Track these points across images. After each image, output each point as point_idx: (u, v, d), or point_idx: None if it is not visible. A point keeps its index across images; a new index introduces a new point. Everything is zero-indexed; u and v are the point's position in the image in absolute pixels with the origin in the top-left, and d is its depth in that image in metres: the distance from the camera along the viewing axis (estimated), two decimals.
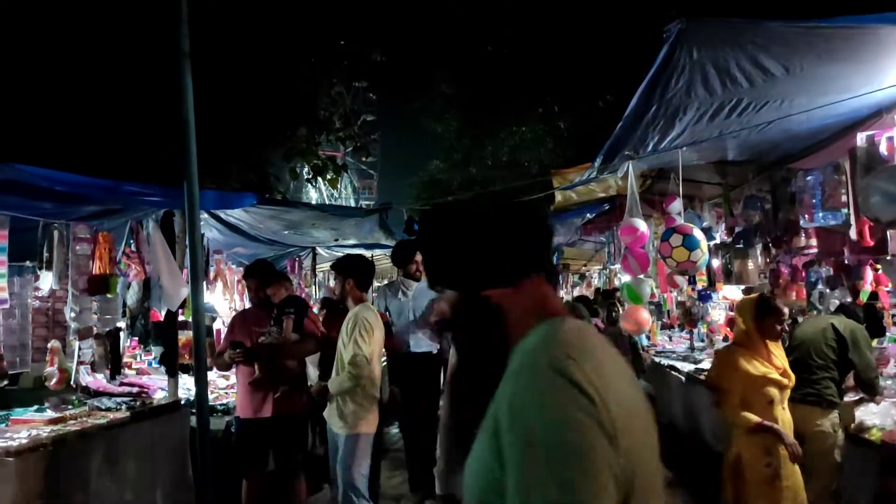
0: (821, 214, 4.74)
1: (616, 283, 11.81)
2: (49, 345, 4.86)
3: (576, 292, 14.70)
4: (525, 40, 12.15)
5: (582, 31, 11.01)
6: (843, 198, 4.48)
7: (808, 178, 4.85)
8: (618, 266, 9.48)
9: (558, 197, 8.42)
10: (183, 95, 3.67)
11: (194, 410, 3.97)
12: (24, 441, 3.72)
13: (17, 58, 5.77)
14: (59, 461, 3.80)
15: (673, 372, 7.13)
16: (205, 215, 5.63)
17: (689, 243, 4.69)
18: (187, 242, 3.93)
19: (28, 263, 5.33)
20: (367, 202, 30.01)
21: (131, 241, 5.16)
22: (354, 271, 4.27)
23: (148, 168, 5.88)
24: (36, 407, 4.51)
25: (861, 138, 3.92)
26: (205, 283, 5.16)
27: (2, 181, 3.77)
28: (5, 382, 4.63)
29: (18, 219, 4.54)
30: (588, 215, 8.91)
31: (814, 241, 5.30)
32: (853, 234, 4.40)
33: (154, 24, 5.52)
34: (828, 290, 5.56)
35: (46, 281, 4.78)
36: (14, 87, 5.78)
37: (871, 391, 4.47)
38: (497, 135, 17.36)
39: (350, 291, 4.22)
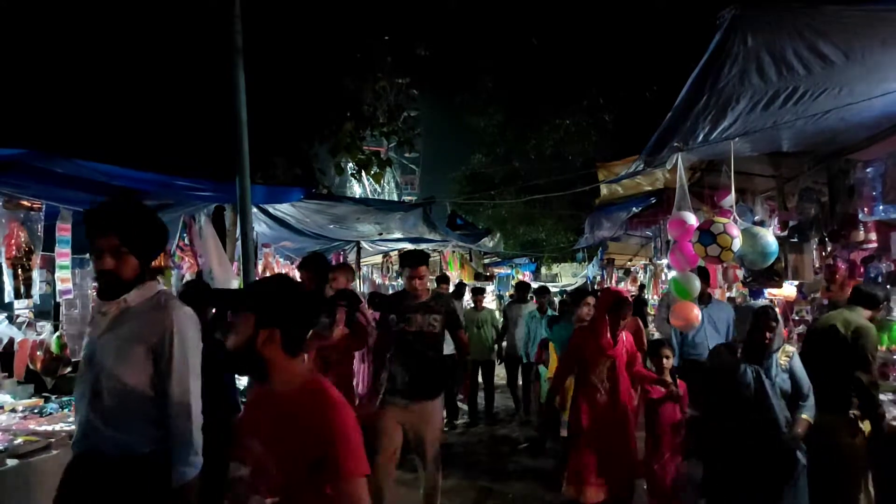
0: (881, 207, 4.58)
1: (663, 277, 11.61)
2: None
3: (620, 287, 14.44)
4: (570, 30, 12.01)
5: (629, 19, 10.82)
6: None
7: (868, 169, 4.68)
8: (665, 261, 9.32)
9: (604, 191, 8.33)
10: (235, 91, 3.74)
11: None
12: None
13: (69, 54, 5.96)
14: None
15: None
16: (254, 209, 5.76)
17: (703, 239, 4.55)
18: (238, 235, 4.03)
19: (88, 256, 5.54)
20: (409, 197, 30.19)
21: (185, 235, 5.32)
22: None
23: (197, 163, 6.03)
24: None
25: None
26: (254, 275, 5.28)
27: (65, 176, 3.93)
28: (69, 370, 4.84)
29: (80, 213, 4.74)
30: (634, 209, 8.78)
31: (873, 236, 5.10)
32: None
33: (206, 20, 5.64)
34: (888, 287, 5.34)
35: None
36: (66, 82, 5.98)
37: (870, 402, 3.95)
38: (541, 128, 17.23)
39: None
